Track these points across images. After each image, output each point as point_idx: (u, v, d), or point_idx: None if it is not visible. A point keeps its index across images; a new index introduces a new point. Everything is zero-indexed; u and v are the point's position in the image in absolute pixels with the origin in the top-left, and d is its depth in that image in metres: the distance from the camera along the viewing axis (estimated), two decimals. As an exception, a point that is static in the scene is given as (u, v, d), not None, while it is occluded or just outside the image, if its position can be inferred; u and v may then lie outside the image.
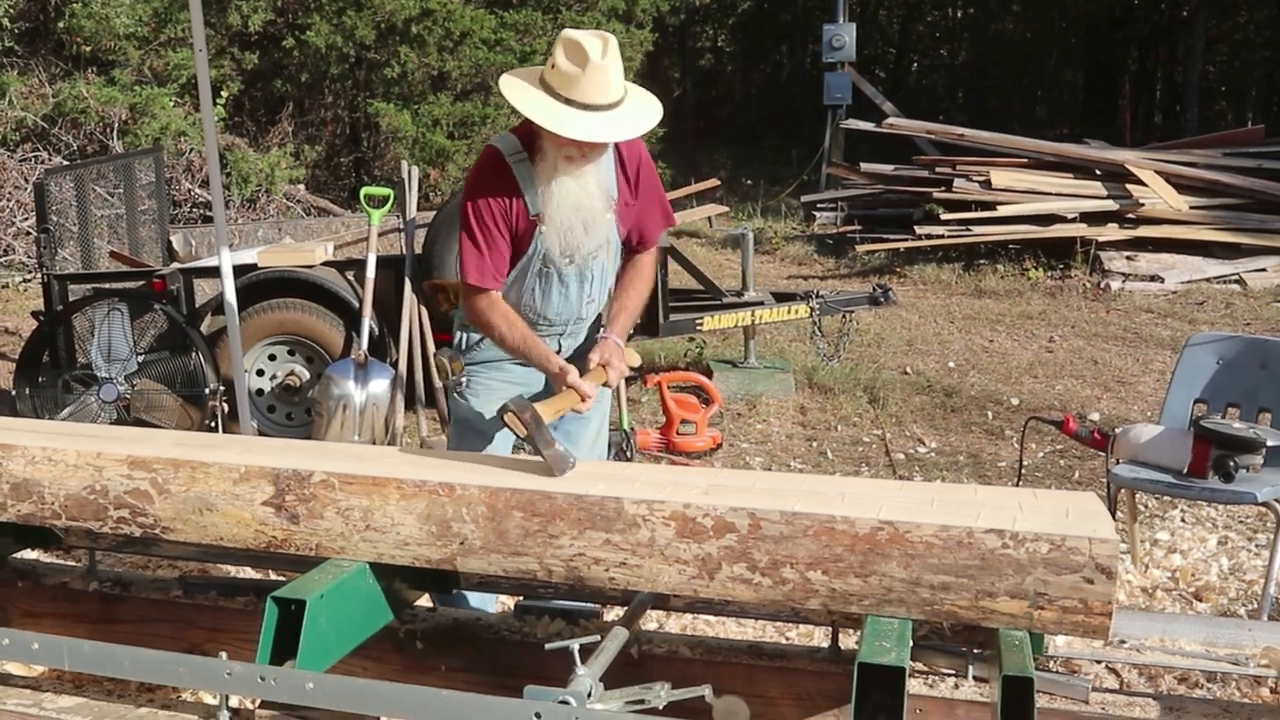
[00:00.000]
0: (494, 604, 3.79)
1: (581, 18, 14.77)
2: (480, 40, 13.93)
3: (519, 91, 3.39)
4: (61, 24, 13.34)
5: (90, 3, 12.93)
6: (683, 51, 27.79)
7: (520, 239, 3.57)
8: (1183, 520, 5.54)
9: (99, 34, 13.10)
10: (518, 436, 3.08)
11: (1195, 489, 4.40)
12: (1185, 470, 4.39)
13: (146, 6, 13.48)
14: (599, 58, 3.29)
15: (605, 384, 3.54)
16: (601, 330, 3.69)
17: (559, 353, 3.68)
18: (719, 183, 10.83)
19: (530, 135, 3.47)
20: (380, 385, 6.27)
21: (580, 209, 3.51)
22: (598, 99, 3.32)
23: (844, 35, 15.95)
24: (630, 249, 3.79)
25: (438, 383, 6.70)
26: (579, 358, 3.62)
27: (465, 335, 3.82)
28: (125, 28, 13.10)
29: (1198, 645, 3.01)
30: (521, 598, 3.29)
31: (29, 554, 3.63)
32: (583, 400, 3.38)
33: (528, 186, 3.51)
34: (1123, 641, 2.99)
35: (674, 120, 21.15)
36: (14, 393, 6.63)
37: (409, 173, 6.99)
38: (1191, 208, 11.49)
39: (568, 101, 3.31)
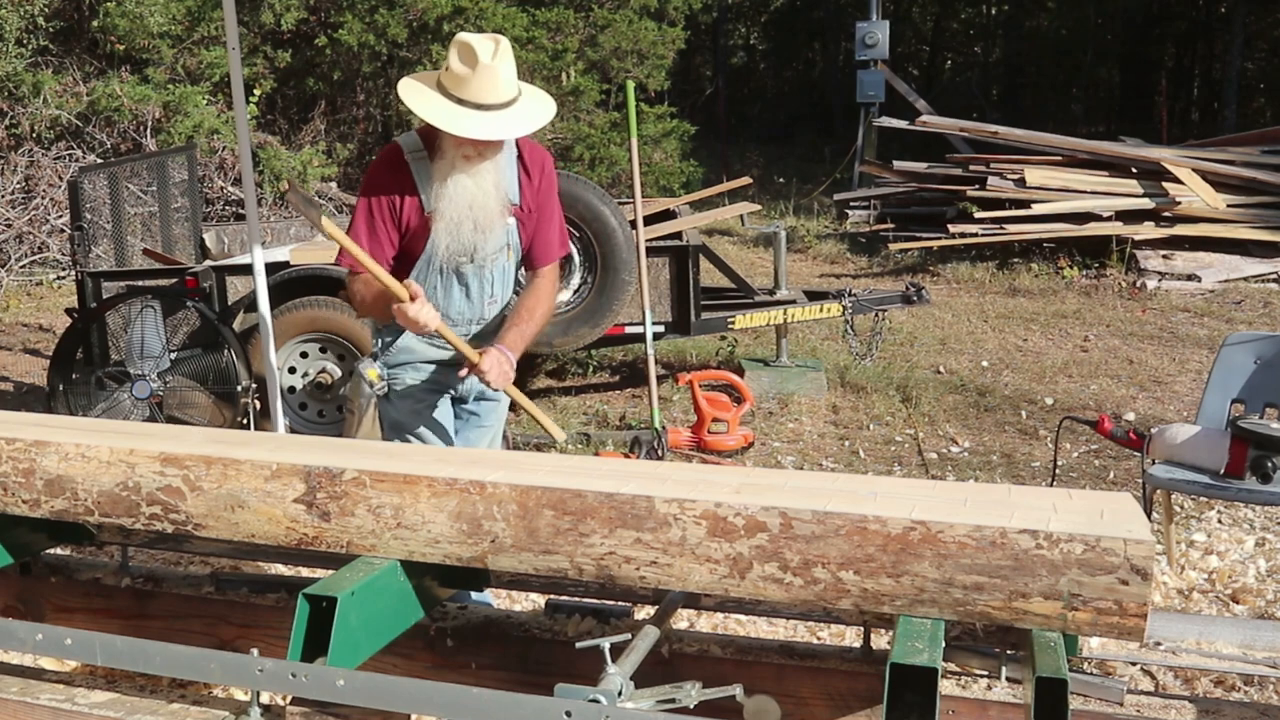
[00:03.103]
0: (491, 598, 3.83)
1: (613, 15, 14.75)
2: (511, 38, 13.90)
3: (414, 93, 3.53)
4: (96, 23, 13.43)
5: (124, 2, 13.01)
6: (715, 49, 27.74)
7: (415, 236, 3.68)
8: (1219, 521, 5.49)
9: (133, 33, 13.18)
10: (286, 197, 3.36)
11: (1232, 490, 4.37)
12: (1222, 471, 4.36)
13: (180, 5, 13.55)
14: (489, 59, 3.43)
15: (477, 372, 3.65)
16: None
17: None
18: (751, 180, 10.78)
19: (431, 134, 3.60)
20: (412, 383, 6.27)
21: (474, 207, 3.61)
22: (489, 99, 3.45)
23: (877, 32, 15.91)
24: (528, 265, 3.89)
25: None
26: None
27: (380, 340, 3.92)
28: (159, 26, 13.17)
29: (1234, 648, 2.98)
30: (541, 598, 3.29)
31: (62, 550, 3.65)
32: (410, 299, 3.50)
33: (424, 184, 3.63)
34: (1158, 644, 2.96)
35: (706, 118, 21.16)
36: (48, 389, 6.67)
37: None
38: (1229, 206, 11.39)
39: (460, 101, 3.45)
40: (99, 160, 12.34)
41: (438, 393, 3.92)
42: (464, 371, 3.70)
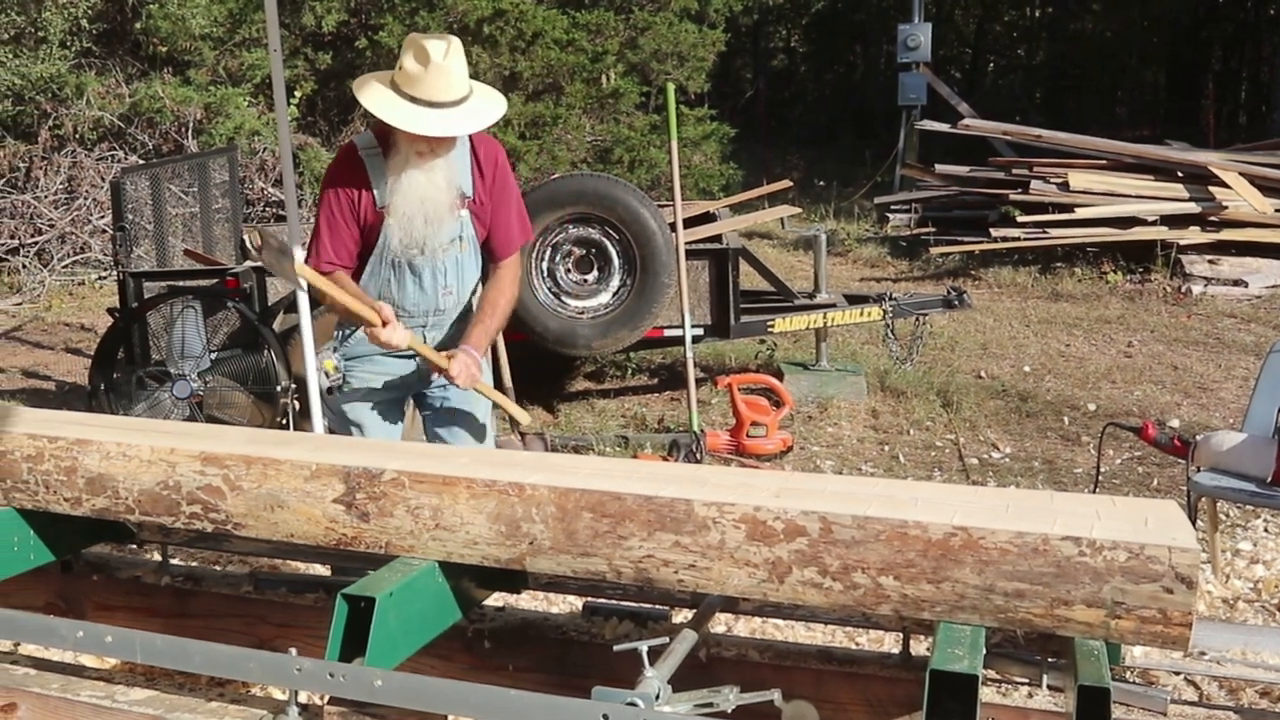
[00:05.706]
0: None
1: (653, 18, 14.75)
2: (552, 40, 13.95)
3: (369, 91, 3.64)
4: (139, 25, 13.53)
5: (167, 4, 13.10)
6: (755, 52, 27.74)
7: (370, 230, 3.79)
8: (1266, 530, 5.43)
9: (175, 35, 13.27)
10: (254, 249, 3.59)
11: (1279, 498, 4.31)
12: (1269, 479, 4.31)
13: (222, 7, 13.64)
14: (441, 58, 3.54)
15: (446, 376, 3.79)
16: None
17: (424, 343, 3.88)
18: (791, 184, 10.75)
19: (386, 131, 3.71)
20: (450, 384, 6.27)
21: (424, 201, 3.71)
22: (440, 96, 3.55)
23: (919, 35, 15.86)
24: (490, 257, 3.97)
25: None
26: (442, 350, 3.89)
27: (340, 332, 4.03)
28: (201, 28, 13.26)
29: (1281, 658, 2.94)
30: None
31: (103, 548, 3.67)
32: (382, 323, 3.67)
33: (378, 179, 3.74)
34: (1203, 653, 2.92)
35: (746, 121, 21.13)
36: (89, 388, 6.72)
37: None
38: (1277, 210, 11.27)
39: (413, 99, 3.56)
40: (141, 161, 12.43)
41: (393, 389, 4.01)
42: (434, 376, 3.84)
